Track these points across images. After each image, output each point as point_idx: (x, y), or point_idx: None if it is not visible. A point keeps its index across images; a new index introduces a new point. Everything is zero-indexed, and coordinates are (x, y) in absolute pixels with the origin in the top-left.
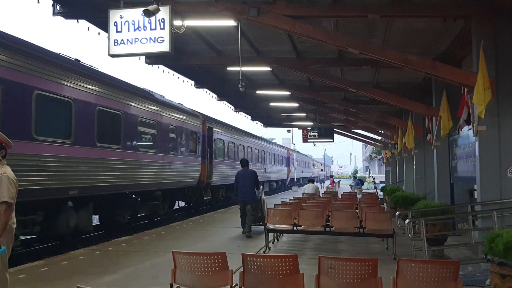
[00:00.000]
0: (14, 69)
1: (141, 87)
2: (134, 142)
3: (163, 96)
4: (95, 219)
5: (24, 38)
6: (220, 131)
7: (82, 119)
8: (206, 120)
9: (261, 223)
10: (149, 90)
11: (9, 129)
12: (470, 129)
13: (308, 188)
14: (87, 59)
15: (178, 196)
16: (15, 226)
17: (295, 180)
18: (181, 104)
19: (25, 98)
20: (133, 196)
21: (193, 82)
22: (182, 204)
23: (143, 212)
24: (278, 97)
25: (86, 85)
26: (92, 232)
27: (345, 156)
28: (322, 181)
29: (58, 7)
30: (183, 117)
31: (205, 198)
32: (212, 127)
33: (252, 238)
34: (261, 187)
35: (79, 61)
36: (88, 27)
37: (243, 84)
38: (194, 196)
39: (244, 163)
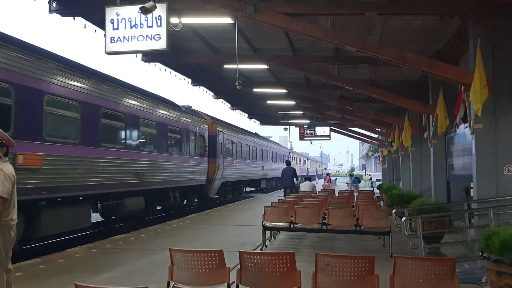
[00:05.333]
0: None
1: None
2: None
3: None
4: None
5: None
6: None
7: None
8: None
9: None
10: None
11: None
12: (466, 127)
13: (305, 186)
14: (84, 57)
15: None
16: (14, 223)
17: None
18: None
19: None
20: None
21: (189, 80)
22: None
23: None
24: (275, 95)
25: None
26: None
27: (341, 154)
28: (325, 179)
29: (54, 5)
30: None
31: None
32: None
33: (250, 235)
34: (299, 178)
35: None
36: (85, 25)
37: (240, 82)
38: None
39: (287, 163)
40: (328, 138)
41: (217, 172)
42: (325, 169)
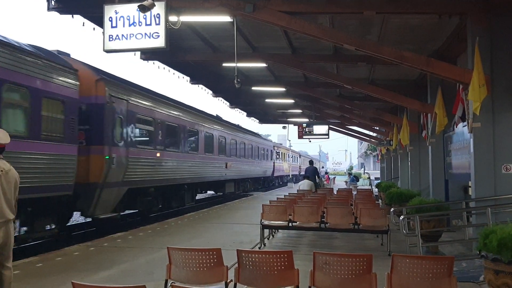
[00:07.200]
0: None
1: None
2: None
3: None
4: None
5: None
6: None
7: None
8: None
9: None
10: None
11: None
12: (465, 125)
13: (303, 185)
14: (82, 55)
15: None
16: (3, 220)
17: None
18: None
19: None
20: None
21: (188, 78)
22: None
23: None
24: (274, 94)
25: None
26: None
27: (340, 152)
28: (323, 177)
29: (53, 2)
30: None
31: None
32: None
33: (248, 233)
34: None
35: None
36: (83, 23)
37: (238, 80)
38: None
39: (310, 162)
40: (327, 136)
41: (109, 171)
42: (322, 167)
